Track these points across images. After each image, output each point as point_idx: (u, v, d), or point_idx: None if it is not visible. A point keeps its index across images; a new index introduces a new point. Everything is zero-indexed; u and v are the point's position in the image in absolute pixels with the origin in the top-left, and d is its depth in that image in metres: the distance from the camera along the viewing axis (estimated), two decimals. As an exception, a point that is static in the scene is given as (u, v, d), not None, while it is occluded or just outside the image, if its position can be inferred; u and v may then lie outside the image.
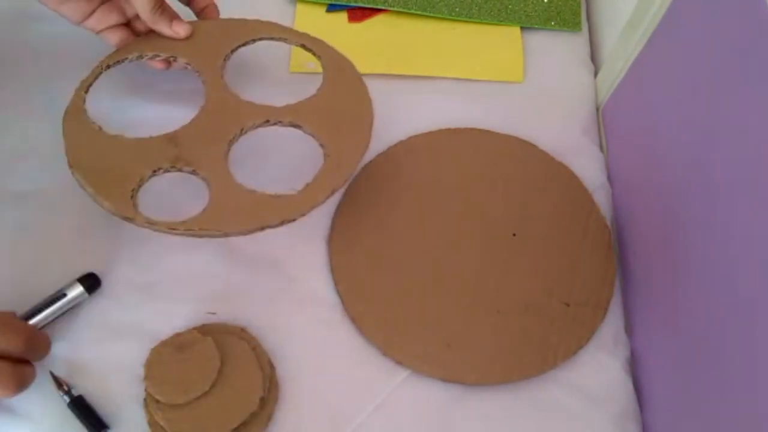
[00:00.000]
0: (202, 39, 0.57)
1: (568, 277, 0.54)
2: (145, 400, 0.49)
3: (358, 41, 0.66)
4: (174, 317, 0.52)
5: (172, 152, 0.52)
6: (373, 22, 0.68)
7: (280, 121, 0.54)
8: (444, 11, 0.68)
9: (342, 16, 0.68)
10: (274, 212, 0.49)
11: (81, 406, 0.49)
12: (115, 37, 0.56)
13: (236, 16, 0.59)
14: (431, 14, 0.68)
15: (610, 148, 0.63)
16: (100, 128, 0.52)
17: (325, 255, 0.56)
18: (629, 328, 0.55)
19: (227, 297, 0.54)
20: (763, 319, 0.37)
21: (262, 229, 0.48)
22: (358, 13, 0.68)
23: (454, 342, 0.52)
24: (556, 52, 0.67)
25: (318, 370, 0.52)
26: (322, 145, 0.53)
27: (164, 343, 0.49)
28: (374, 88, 0.59)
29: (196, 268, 0.55)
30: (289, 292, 0.54)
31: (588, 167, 0.61)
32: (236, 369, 0.49)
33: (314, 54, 0.58)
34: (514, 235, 0.56)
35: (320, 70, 0.57)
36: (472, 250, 0.56)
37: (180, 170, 0.51)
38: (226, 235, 0.48)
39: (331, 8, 0.68)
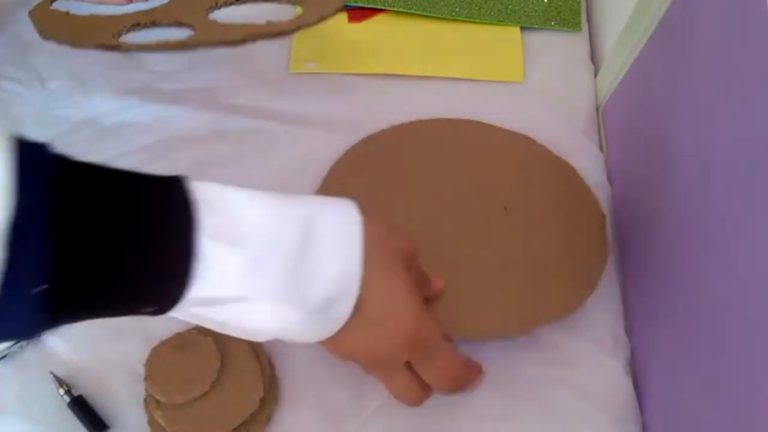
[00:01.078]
0: None
1: (560, 254, 0.54)
2: (145, 400, 0.49)
3: (358, 41, 0.66)
4: (174, 317, 0.52)
5: (149, 17, 0.51)
6: (373, 22, 0.68)
7: None
8: (444, 11, 0.68)
9: (342, 16, 0.68)
10: (265, 28, 0.48)
11: (81, 406, 0.49)
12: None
13: None
14: (431, 14, 0.68)
15: (610, 148, 0.63)
16: (68, 12, 0.51)
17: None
18: (629, 328, 0.55)
19: (227, 297, 0.53)
20: (763, 319, 0.37)
21: (257, 38, 0.47)
22: (358, 13, 0.68)
23: (459, 302, 0.51)
24: (556, 52, 0.67)
25: (318, 370, 0.52)
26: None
27: (164, 343, 0.49)
28: (374, 88, 0.59)
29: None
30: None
31: (588, 167, 0.61)
32: (236, 369, 0.49)
33: None
34: (505, 209, 0.55)
35: (320, 69, 0.56)
36: (465, 224, 0.55)
37: (158, 24, 0.50)
38: (221, 43, 0.47)
39: (331, 8, 0.68)
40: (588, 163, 0.61)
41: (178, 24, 0.50)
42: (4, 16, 0.66)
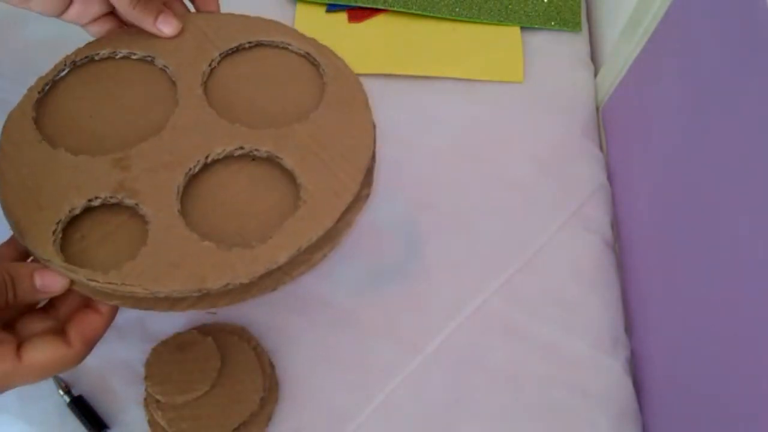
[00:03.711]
0: (191, 37, 0.48)
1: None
2: (145, 400, 0.49)
3: (358, 41, 0.66)
4: (174, 317, 0.52)
5: (116, 178, 0.42)
6: (373, 22, 0.68)
7: (256, 150, 0.43)
8: (444, 11, 0.68)
9: (342, 16, 0.68)
10: (219, 272, 0.39)
11: (81, 406, 0.49)
12: (101, 30, 0.49)
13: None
14: (431, 14, 0.68)
15: (610, 148, 0.63)
16: (42, 140, 0.44)
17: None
18: (629, 328, 0.55)
19: (227, 297, 0.54)
20: (763, 319, 0.37)
21: (201, 292, 0.39)
22: (358, 13, 0.68)
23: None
24: (556, 52, 0.67)
25: (318, 370, 0.52)
26: (299, 186, 0.42)
27: (164, 343, 0.49)
28: (374, 88, 0.59)
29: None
30: (289, 292, 0.54)
31: (588, 167, 0.61)
32: (236, 369, 0.49)
33: (317, 67, 0.49)
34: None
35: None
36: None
37: (120, 203, 0.42)
38: (154, 295, 0.39)
39: (331, 8, 0.68)
40: (588, 163, 0.61)
41: (137, 208, 0.42)
42: (5, 17, 0.66)
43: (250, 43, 0.49)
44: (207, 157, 0.43)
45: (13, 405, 0.49)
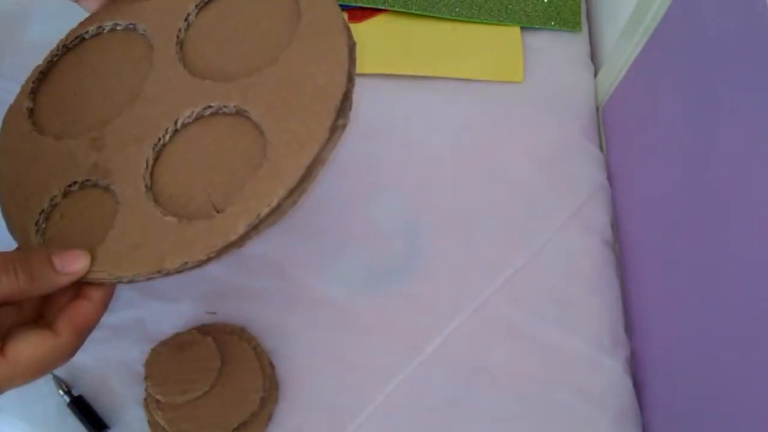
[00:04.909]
0: None
1: None
2: (145, 400, 0.49)
3: (358, 41, 0.66)
4: (174, 317, 0.52)
5: (91, 159, 0.41)
6: (373, 22, 0.68)
7: (224, 107, 0.41)
8: (444, 11, 0.68)
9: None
10: (176, 250, 0.38)
11: (81, 406, 0.49)
12: (93, 3, 0.49)
13: None
14: (431, 14, 0.68)
15: (610, 148, 0.63)
16: (33, 130, 0.44)
17: (325, 253, 0.56)
18: (629, 328, 0.55)
19: (227, 297, 0.54)
20: (763, 319, 0.37)
21: (161, 273, 0.38)
22: (358, 13, 0.68)
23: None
24: (556, 52, 0.67)
25: (318, 370, 0.52)
26: (266, 140, 0.40)
27: (164, 343, 0.49)
28: (374, 88, 0.59)
29: (196, 268, 0.55)
30: (289, 292, 0.54)
31: (588, 167, 0.61)
32: (236, 369, 0.49)
33: None
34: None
35: None
36: None
37: (96, 185, 0.41)
38: (118, 280, 0.39)
39: (331, 8, 0.68)
40: (588, 163, 0.61)
41: (109, 190, 0.41)
42: (5, 17, 0.66)
43: None
44: (176, 123, 0.42)
45: (13, 405, 0.49)
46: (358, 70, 0.57)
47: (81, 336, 0.38)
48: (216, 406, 0.47)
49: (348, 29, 0.42)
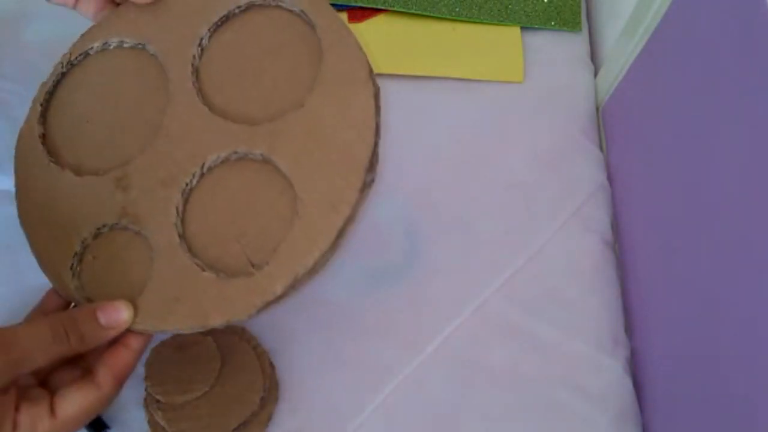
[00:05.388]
0: (177, 10, 0.45)
1: None
2: (145, 400, 0.49)
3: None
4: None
5: (118, 201, 0.41)
6: (373, 22, 0.68)
7: (250, 153, 0.41)
8: (444, 11, 0.68)
9: (342, 17, 0.68)
10: (219, 308, 0.39)
11: (81, 406, 0.49)
12: (90, 7, 0.47)
13: None
14: (431, 14, 0.68)
15: (610, 148, 0.63)
16: (51, 161, 0.43)
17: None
18: (629, 328, 0.55)
19: (227, 297, 0.54)
20: (763, 319, 0.37)
21: (204, 328, 0.39)
22: (358, 13, 0.68)
23: None
24: (556, 52, 0.67)
25: (318, 370, 0.52)
26: (295, 194, 0.39)
27: (164, 343, 0.49)
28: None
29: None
30: (289, 292, 0.54)
31: (588, 167, 0.61)
32: (236, 369, 0.49)
33: (313, 28, 0.43)
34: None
35: None
36: None
37: (127, 229, 0.41)
38: (162, 332, 0.40)
39: (331, 8, 0.68)
40: (588, 163, 0.61)
41: (140, 235, 0.41)
42: (5, 17, 0.66)
43: (239, 7, 0.45)
44: (203, 167, 0.42)
45: (13, 405, 0.49)
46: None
47: (120, 384, 0.39)
48: (216, 406, 0.47)
49: (372, 75, 0.42)
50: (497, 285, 0.55)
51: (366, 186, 0.40)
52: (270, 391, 0.49)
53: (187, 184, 0.41)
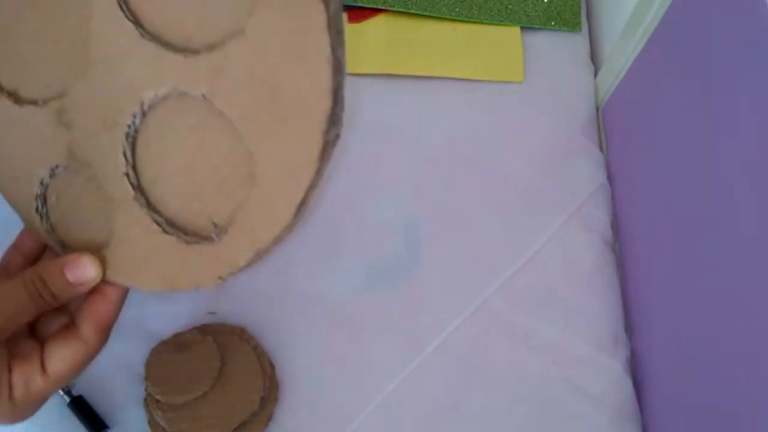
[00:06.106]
0: None
1: None
2: (145, 400, 0.49)
3: (358, 41, 0.66)
4: (174, 317, 0.52)
5: (64, 139, 0.38)
6: (373, 22, 0.68)
7: (192, 91, 0.36)
8: (444, 11, 0.68)
9: (342, 16, 0.68)
10: (184, 275, 0.38)
11: (81, 406, 0.49)
12: None
13: None
14: (431, 14, 0.68)
15: (610, 148, 0.63)
16: (15, 92, 0.39)
17: (325, 253, 0.56)
18: (629, 328, 0.55)
19: (227, 297, 0.54)
20: (763, 319, 0.37)
21: (173, 291, 0.38)
22: (358, 13, 0.68)
23: None
24: (556, 52, 0.67)
25: (318, 370, 0.52)
26: (250, 153, 0.35)
27: (164, 343, 0.49)
28: (374, 88, 0.59)
29: (196, 268, 0.55)
30: (289, 292, 0.54)
31: (588, 167, 0.61)
32: (236, 369, 0.49)
33: None
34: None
35: None
36: None
37: (79, 173, 0.39)
38: (136, 289, 0.39)
39: (331, 8, 0.68)
40: (588, 163, 0.61)
41: (93, 182, 0.39)
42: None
43: None
44: (142, 105, 0.37)
45: (13, 405, 0.49)
46: (358, 70, 0.57)
47: (105, 334, 0.39)
48: (216, 406, 0.47)
49: (323, 15, 0.34)
50: (497, 285, 0.55)
51: (328, 145, 0.35)
52: (270, 391, 0.49)
53: (129, 126, 0.37)
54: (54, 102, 0.39)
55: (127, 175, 0.38)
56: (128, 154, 0.38)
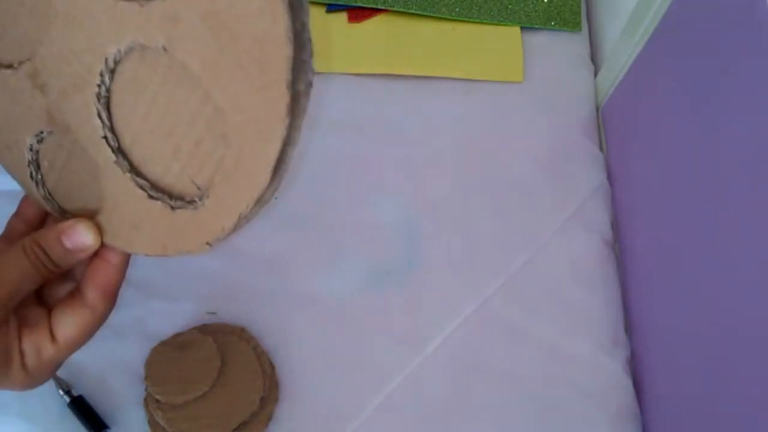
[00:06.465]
0: None
1: None
2: (145, 400, 0.49)
3: (358, 41, 0.66)
4: (174, 317, 0.52)
5: (42, 104, 0.38)
6: (373, 22, 0.68)
7: (150, 44, 0.34)
8: (444, 11, 0.68)
9: (342, 16, 0.68)
10: (172, 241, 0.37)
11: (81, 406, 0.49)
12: None
13: None
14: (431, 14, 0.68)
15: (610, 148, 0.63)
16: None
17: (325, 253, 0.56)
18: (629, 328, 0.55)
19: (227, 297, 0.54)
20: (763, 319, 0.37)
21: (168, 257, 0.38)
22: (358, 13, 0.68)
23: None
24: (556, 52, 0.67)
25: (318, 370, 0.52)
26: (219, 107, 0.33)
27: (164, 343, 0.49)
28: (374, 88, 0.59)
29: (196, 268, 0.55)
30: (289, 292, 0.54)
31: (588, 167, 0.61)
32: (236, 369, 0.49)
33: None
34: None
35: (319, 70, 0.47)
36: None
37: (64, 138, 0.38)
38: (134, 253, 0.39)
39: (331, 8, 0.68)
40: (588, 163, 0.61)
41: (76, 146, 0.38)
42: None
43: None
44: (107, 62, 0.35)
45: (13, 404, 0.49)
46: (358, 70, 0.57)
47: (112, 299, 0.39)
48: (216, 406, 0.47)
49: None
50: (497, 285, 0.55)
51: (299, 96, 0.32)
52: (270, 391, 0.49)
53: (99, 87, 0.36)
54: (26, 64, 0.38)
55: (105, 137, 0.37)
56: (104, 116, 0.37)
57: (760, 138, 0.37)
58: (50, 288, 0.40)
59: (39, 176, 0.40)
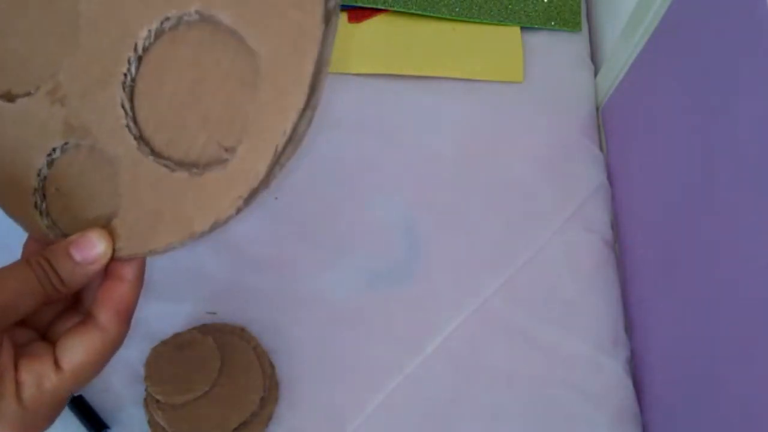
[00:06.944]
0: None
1: None
2: (145, 400, 0.49)
3: (358, 41, 0.66)
4: (174, 317, 0.52)
5: (59, 116, 0.37)
6: (373, 22, 0.68)
7: (186, 16, 0.34)
8: (444, 11, 0.68)
9: (342, 16, 0.68)
10: (201, 209, 0.34)
11: (81, 406, 0.49)
12: None
13: None
14: (431, 14, 0.68)
15: (610, 148, 0.63)
16: (8, 93, 0.38)
17: (325, 253, 0.56)
18: (629, 328, 0.55)
19: (227, 297, 0.54)
20: (762, 319, 0.37)
21: (194, 238, 0.35)
22: (358, 13, 0.68)
23: None
24: (556, 52, 0.67)
25: (318, 370, 0.52)
26: (251, 51, 0.33)
27: (164, 343, 0.49)
28: (374, 88, 0.59)
29: (196, 268, 0.55)
30: (289, 292, 0.54)
31: (588, 167, 0.61)
32: (236, 369, 0.49)
33: None
34: None
35: None
36: None
37: (79, 147, 0.37)
38: (152, 254, 0.36)
39: (331, 8, 0.68)
40: (588, 163, 0.61)
41: (95, 149, 0.37)
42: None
43: None
44: (136, 48, 0.35)
45: (13, 405, 0.49)
46: (358, 70, 0.57)
47: (126, 321, 0.35)
48: (216, 406, 0.47)
49: None
50: (497, 285, 0.55)
51: (331, 13, 0.33)
52: (270, 391, 0.49)
53: (125, 75, 0.36)
54: (46, 83, 0.38)
55: (127, 126, 0.36)
56: (126, 105, 0.36)
57: (760, 138, 0.37)
58: (56, 325, 0.36)
59: (43, 205, 0.38)
